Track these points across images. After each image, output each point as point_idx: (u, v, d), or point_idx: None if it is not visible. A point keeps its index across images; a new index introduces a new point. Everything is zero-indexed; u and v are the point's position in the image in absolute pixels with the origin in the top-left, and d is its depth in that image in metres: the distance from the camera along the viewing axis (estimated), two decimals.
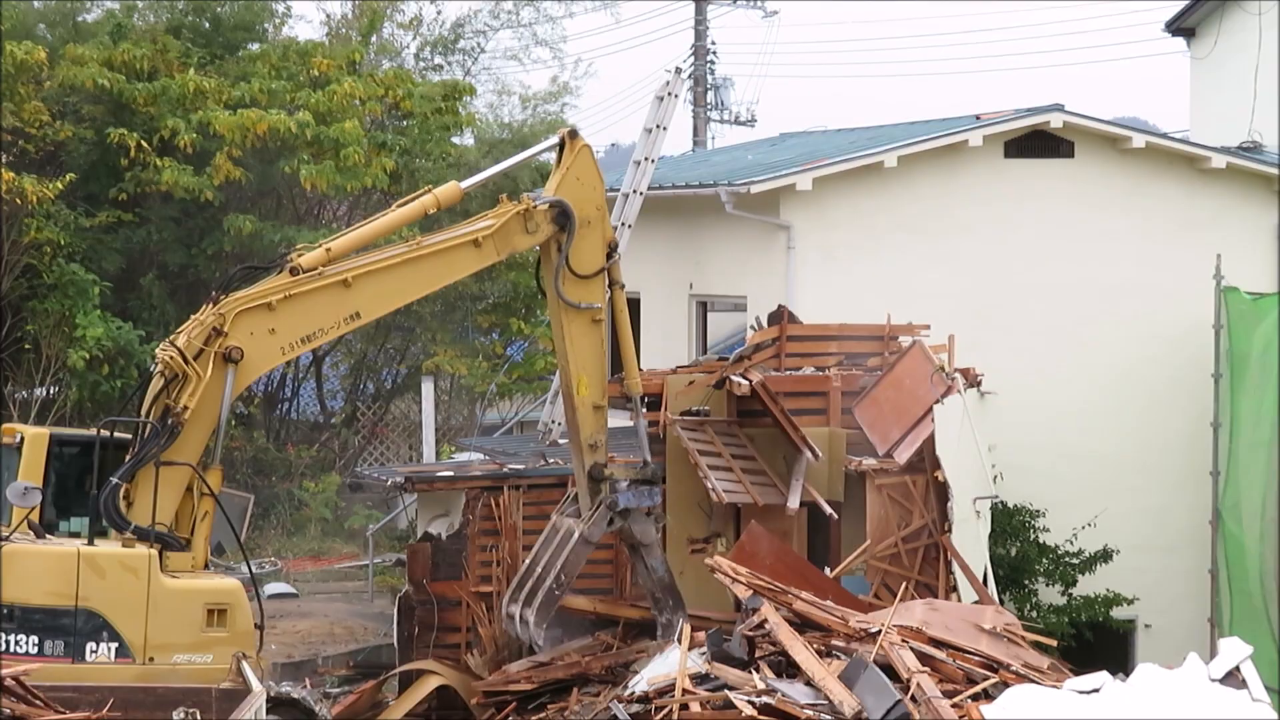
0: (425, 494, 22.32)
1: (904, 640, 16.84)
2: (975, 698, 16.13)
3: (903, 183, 23.78)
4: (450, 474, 22.28)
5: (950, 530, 20.67)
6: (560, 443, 23.38)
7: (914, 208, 23.87)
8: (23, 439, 19.61)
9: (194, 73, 31.30)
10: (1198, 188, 24.74)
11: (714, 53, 48.22)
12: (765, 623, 17.32)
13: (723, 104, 48.62)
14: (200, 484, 17.19)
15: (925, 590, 20.41)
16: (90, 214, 30.47)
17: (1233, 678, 15.66)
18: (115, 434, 18.03)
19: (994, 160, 24.18)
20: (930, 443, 20.70)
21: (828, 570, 20.47)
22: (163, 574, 16.83)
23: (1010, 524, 22.97)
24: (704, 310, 26.47)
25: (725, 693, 16.33)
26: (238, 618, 17.06)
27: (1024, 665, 17.18)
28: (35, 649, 16.38)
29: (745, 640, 17.19)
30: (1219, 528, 23.73)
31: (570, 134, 18.67)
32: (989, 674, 16.64)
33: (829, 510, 20.56)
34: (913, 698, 15.78)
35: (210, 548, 17.83)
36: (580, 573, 19.26)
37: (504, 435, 30.08)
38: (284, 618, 26.16)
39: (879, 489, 20.71)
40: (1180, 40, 30.89)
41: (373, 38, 38.28)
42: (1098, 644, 22.72)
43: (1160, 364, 24.22)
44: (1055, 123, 24.07)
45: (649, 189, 23.73)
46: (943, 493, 20.69)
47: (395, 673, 21.52)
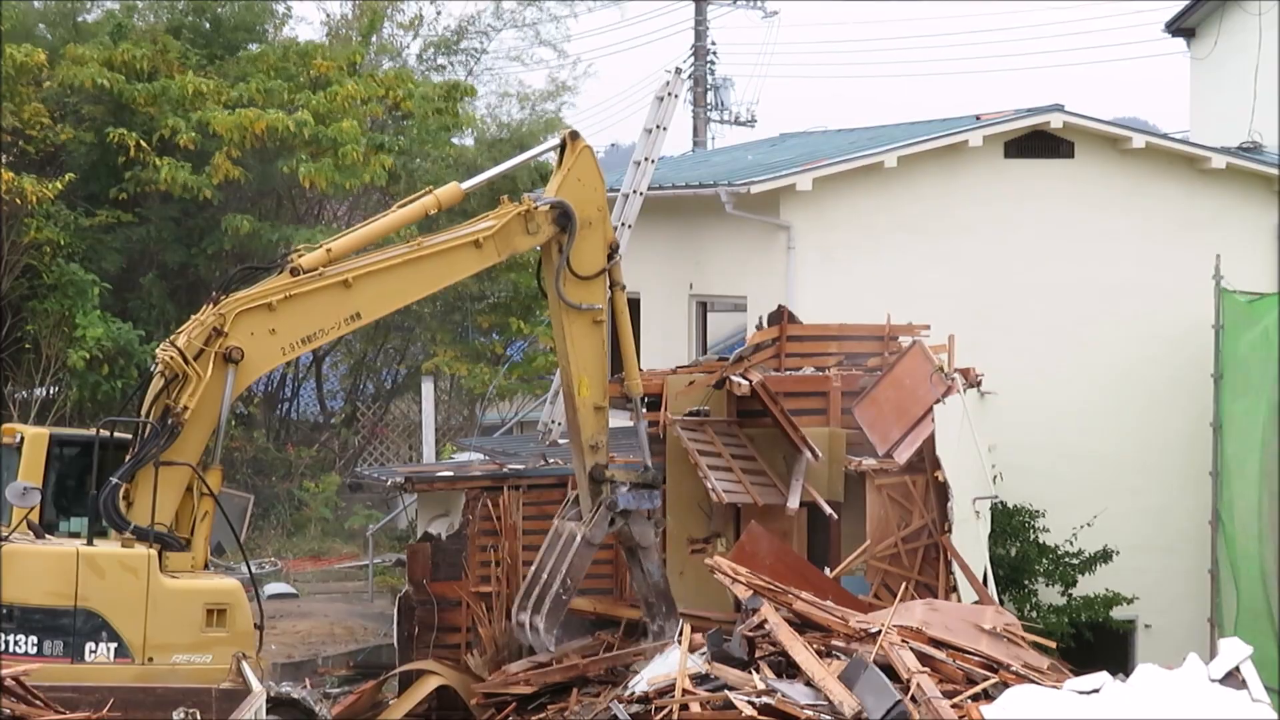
0: (425, 494, 22.32)
1: (904, 640, 16.83)
2: (975, 698, 16.13)
3: (903, 183, 23.77)
4: (450, 474, 22.27)
5: (950, 530, 20.67)
6: (560, 443, 23.37)
7: (914, 208, 23.87)
8: (23, 439, 19.59)
9: (193, 74, 31.28)
10: (1198, 188, 24.73)
11: (714, 53, 48.22)
12: (765, 623, 17.32)
13: (723, 104, 48.60)
14: (200, 484, 17.18)
15: (925, 590, 20.41)
16: (90, 214, 30.46)
17: (1233, 678, 15.66)
18: (115, 434, 18.02)
19: (994, 160, 24.18)
20: (930, 443, 20.70)
21: (828, 570, 20.47)
22: (162, 574, 16.82)
23: (1010, 524, 22.97)
24: (704, 310, 26.46)
25: (725, 693, 16.32)
26: (237, 618, 17.05)
27: (1024, 665, 17.18)
28: (34, 649, 16.38)
29: (745, 640, 17.19)
30: (1219, 528, 23.72)
31: (571, 135, 18.68)
32: (989, 674, 16.64)
33: (829, 510, 20.56)
34: (913, 698, 15.77)
35: (210, 548, 17.83)
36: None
37: (504, 435, 30.07)
38: (284, 618, 26.15)
39: (879, 489, 20.71)
40: (1180, 40, 30.89)
41: (373, 38, 38.26)
42: (1097, 644, 22.71)
43: (1160, 364, 24.22)
44: (1055, 123, 24.07)
45: (649, 189, 23.73)
46: (943, 493, 20.69)
47: (395, 673, 21.51)
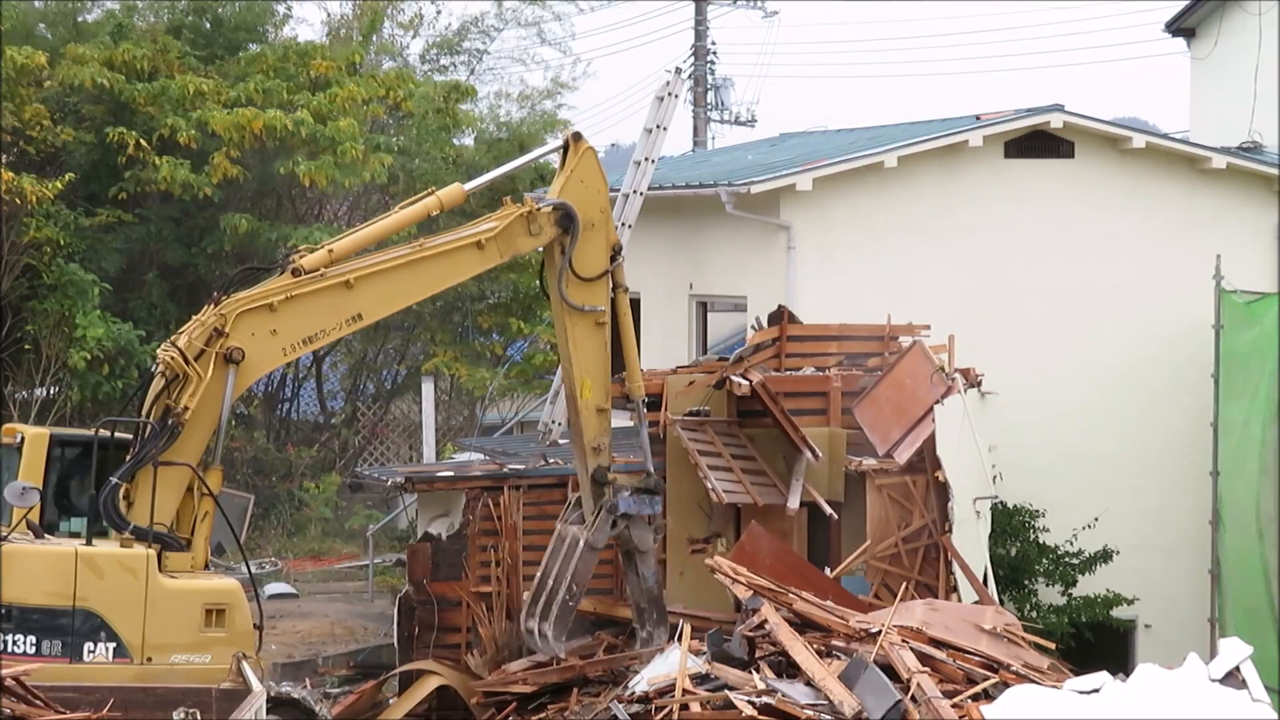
0: (425, 494, 22.31)
1: (904, 640, 16.83)
2: (975, 698, 16.13)
3: (903, 183, 23.77)
4: (450, 474, 22.26)
5: (950, 530, 20.66)
6: (561, 443, 23.36)
7: (914, 208, 23.87)
8: (23, 439, 19.60)
9: (192, 75, 31.27)
10: (1198, 188, 24.73)
11: (714, 53, 48.23)
12: (765, 623, 17.32)
13: (723, 104, 48.60)
14: (200, 484, 17.16)
15: (925, 590, 20.40)
16: (90, 213, 30.45)
17: (1233, 678, 15.66)
18: (116, 434, 18.02)
19: (994, 160, 24.18)
20: (930, 443, 20.69)
21: (828, 570, 20.47)
22: (161, 574, 16.81)
23: (1010, 524, 22.97)
24: (704, 310, 26.46)
25: (725, 693, 16.32)
26: (236, 618, 17.03)
27: (1024, 665, 17.18)
28: (33, 649, 16.36)
29: (745, 640, 17.19)
30: (1218, 528, 23.71)
31: (575, 137, 18.60)
32: (989, 674, 16.64)
33: (829, 510, 20.56)
34: (913, 698, 15.77)
35: (210, 548, 17.81)
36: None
37: (504, 435, 30.06)
38: (284, 618, 26.15)
39: (879, 489, 20.70)
40: (1180, 40, 30.90)
41: (373, 38, 38.25)
42: (1098, 644, 22.71)
43: (1160, 364, 24.21)
44: (1055, 123, 24.07)
45: (649, 189, 23.71)
46: (943, 493, 20.68)
47: (395, 673, 21.51)
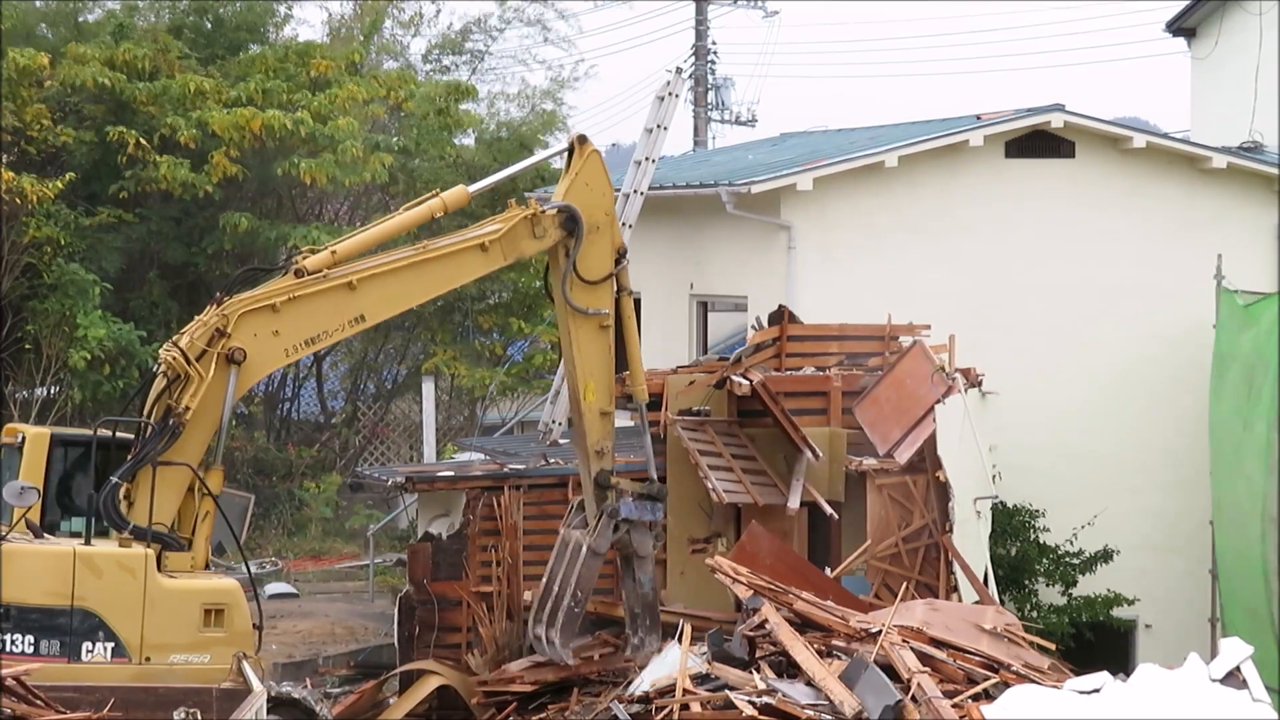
0: (426, 494, 22.30)
1: (904, 640, 16.83)
2: (976, 698, 16.12)
3: (903, 183, 23.78)
4: (451, 474, 22.24)
5: (951, 530, 20.66)
6: (561, 443, 23.37)
7: (915, 208, 23.88)
8: (24, 439, 19.59)
9: (193, 74, 31.26)
10: (1198, 188, 24.73)
11: (715, 53, 48.22)
12: (766, 623, 17.32)
13: (723, 104, 48.59)
14: (201, 484, 17.15)
15: (926, 590, 20.41)
16: (90, 213, 30.43)
17: (1233, 678, 15.65)
18: (118, 434, 18.01)
19: (995, 160, 24.19)
20: (931, 443, 20.70)
21: (828, 570, 20.47)
22: (160, 574, 16.79)
23: (1010, 524, 22.98)
24: (704, 310, 26.47)
25: (726, 693, 16.32)
26: (235, 618, 17.00)
27: (1024, 665, 17.18)
28: (31, 649, 16.35)
29: (746, 640, 17.19)
30: (1216, 528, 23.66)
31: (580, 139, 18.50)
32: (989, 674, 16.63)
33: (829, 510, 20.56)
34: (913, 698, 15.77)
35: (210, 548, 17.80)
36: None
37: (504, 435, 30.06)
38: (285, 618, 26.14)
39: (879, 489, 20.71)
40: (1181, 40, 30.91)
41: (374, 37, 38.22)
42: (1098, 644, 22.72)
43: (1160, 364, 24.22)
44: (1056, 123, 24.08)
45: (650, 189, 23.72)
46: (943, 493, 20.68)
47: (396, 673, 21.51)
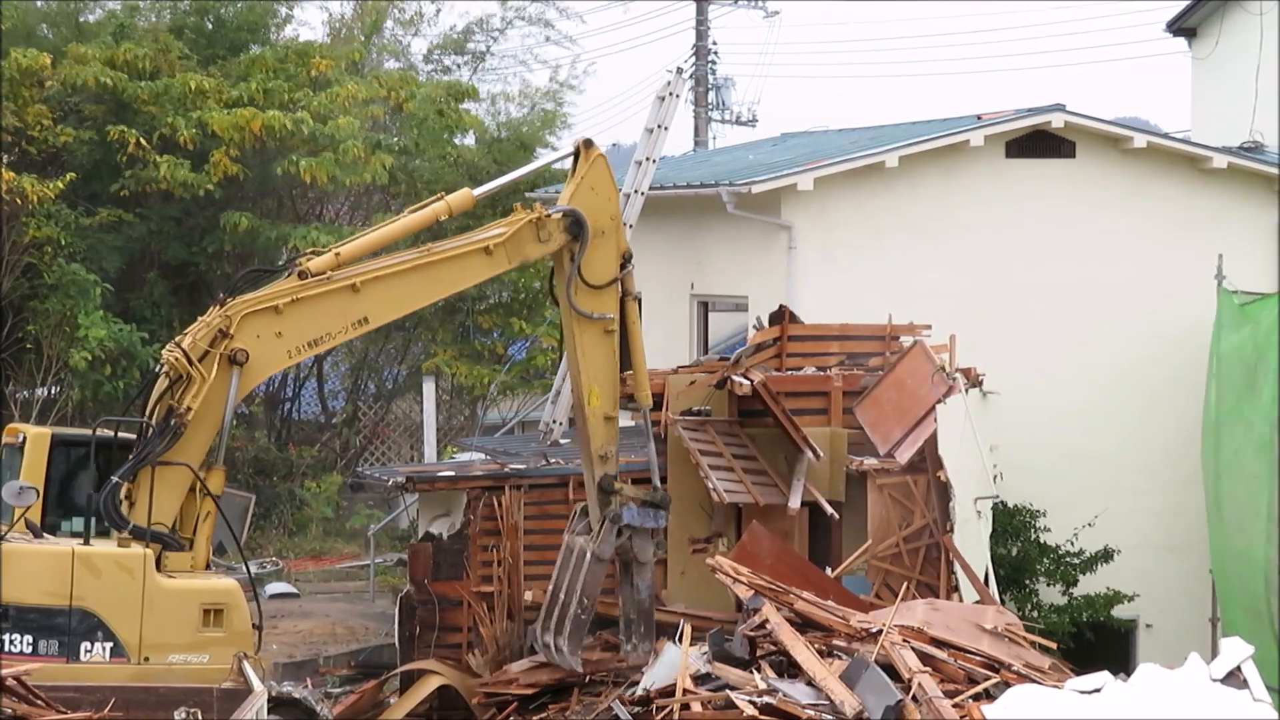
0: (426, 494, 22.30)
1: (905, 640, 16.83)
2: (976, 698, 16.12)
3: (904, 183, 23.79)
4: (451, 474, 22.24)
5: (952, 530, 20.66)
6: (562, 442, 23.38)
7: (915, 208, 23.89)
8: (25, 439, 19.59)
9: (193, 74, 31.25)
10: (1198, 188, 24.75)
11: (715, 53, 48.18)
12: (766, 623, 17.32)
13: (724, 104, 48.55)
14: (203, 485, 17.15)
15: (926, 590, 20.40)
16: (90, 213, 30.42)
17: (1234, 678, 15.65)
18: (120, 434, 18.00)
19: (995, 160, 24.20)
20: (932, 443, 20.70)
21: (829, 570, 20.47)
22: (159, 574, 16.78)
23: (1011, 524, 22.99)
24: (705, 310, 26.48)
25: (726, 693, 16.33)
26: (235, 618, 16.98)
27: (1025, 665, 17.18)
28: (30, 648, 16.34)
29: (746, 640, 17.19)
30: (1214, 527, 23.65)
31: (586, 143, 18.44)
32: (990, 674, 16.63)
33: (830, 510, 20.57)
34: (914, 698, 15.77)
35: (211, 548, 17.80)
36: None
37: (505, 435, 30.06)
38: (285, 617, 26.14)
39: (880, 489, 20.71)
40: (1181, 40, 30.92)
41: (374, 37, 38.20)
42: (1099, 644, 22.72)
43: (1160, 364, 24.23)
44: (1056, 123, 24.10)
45: (650, 189, 23.73)
46: (944, 493, 20.68)
47: (396, 673, 21.51)
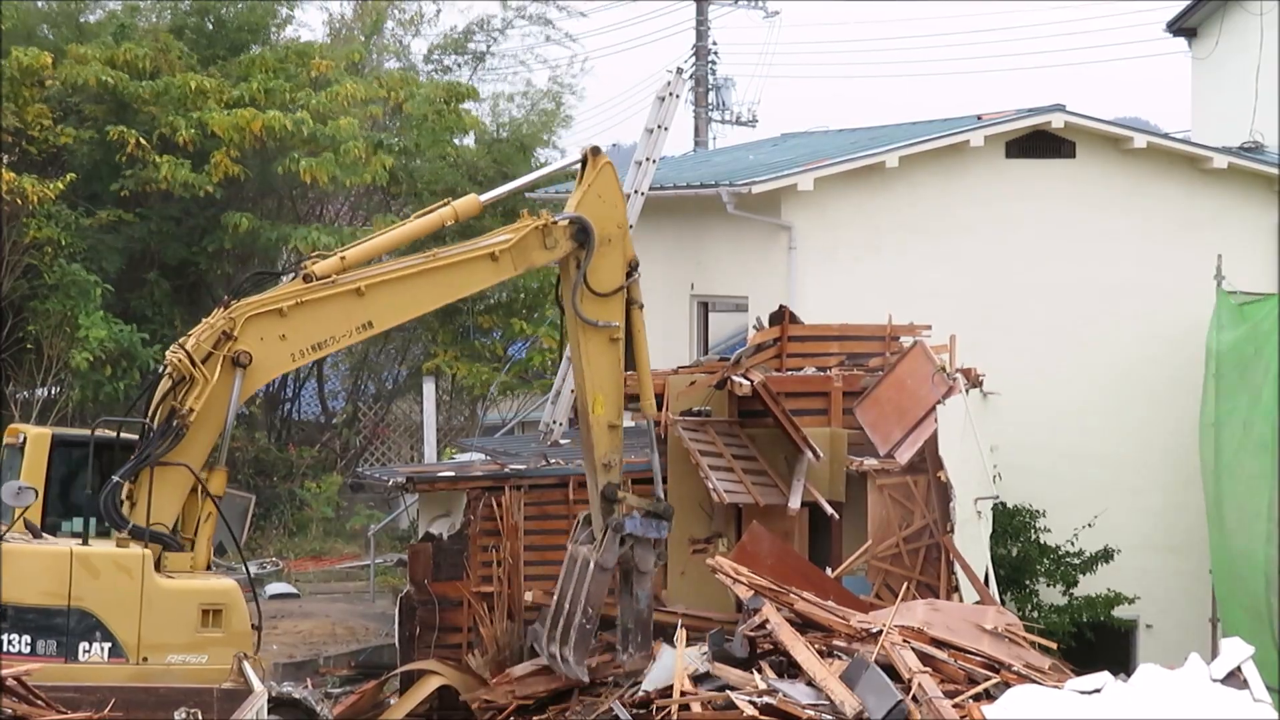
0: (426, 494, 22.30)
1: (905, 640, 16.84)
2: (977, 698, 16.13)
3: (904, 183, 23.80)
4: (451, 474, 22.24)
5: (952, 530, 20.66)
6: (562, 443, 23.38)
7: (915, 208, 23.90)
8: (25, 439, 19.59)
9: (194, 73, 31.25)
10: (1199, 188, 24.75)
11: (715, 53, 48.17)
12: (766, 623, 17.32)
13: (724, 104, 48.55)
14: (203, 486, 17.15)
15: (927, 590, 20.40)
16: (90, 213, 30.42)
17: (1234, 678, 15.66)
18: (123, 435, 18.01)
19: (995, 160, 24.21)
20: (932, 443, 20.69)
21: (829, 570, 20.47)
22: (158, 574, 16.77)
23: (1011, 524, 22.99)
24: (705, 311, 26.48)
25: (726, 693, 16.33)
26: (234, 618, 16.95)
27: (1025, 665, 17.18)
28: (28, 648, 16.34)
29: (746, 640, 17.19)
30: (1214, 527, 23.65)
31: (593, 151, 18.36)
32: (990, 674, 16.64)
33: (830, 510, 20.57)
34: (914, 698, 15.78)
35: (212, 548, 17.79)
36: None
37: (505, 435, 30.07)
38: (285, 618, 26.15)
39: (880, 489, 20.71)
40: (1181, 40, 30.92)
41: (374, 38, 38.18)
42: (1099, 644, 22.72)
43: (1160, 364, 24.24)
44: (1056, 123, 24.10)
45: (650, 189, 23.73)
46: (944, 493, 20.68)
47: (396, 673, 21.52)
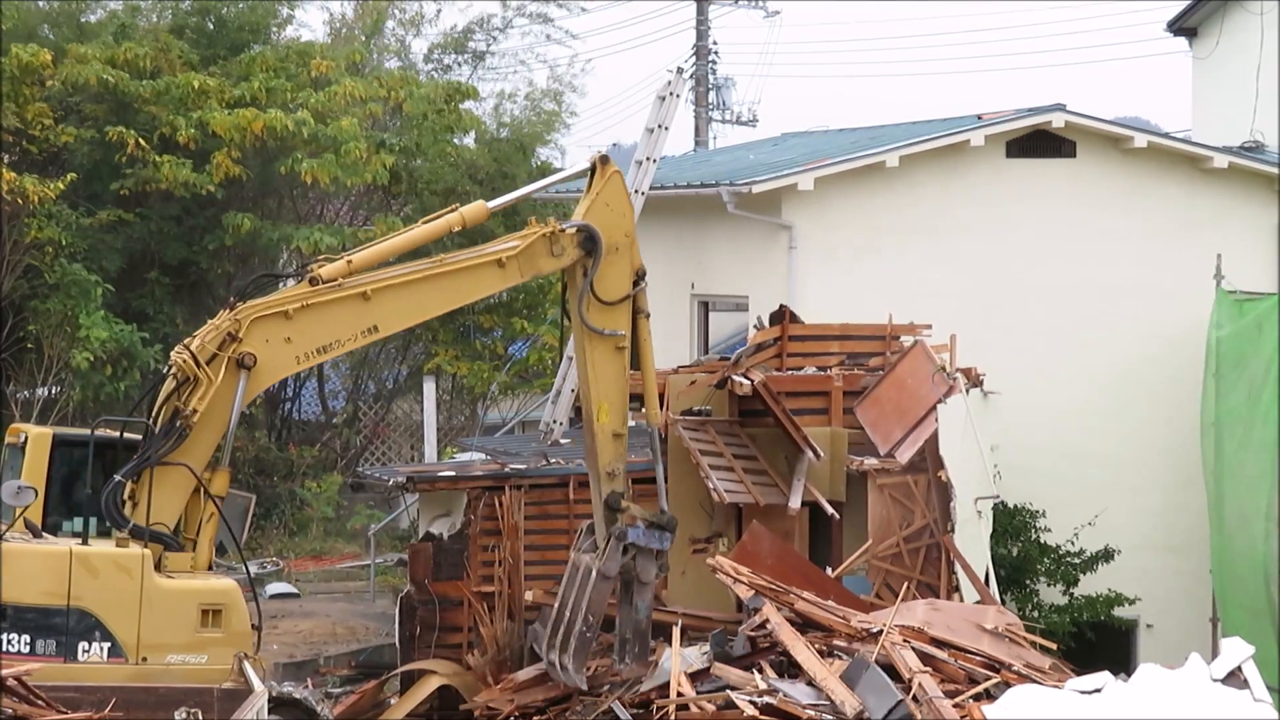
0: (427, 494, 22.30)
1: (906, 640, 16.84)
2: (977, 698, 16.13)
3: (904, 182, 23.79)
4: (452, 474, 22.24)
5: (952, 530, 20.66)
6: (562, 442, 23.38)
7: (916, 208, 23.89)
8: (26, 439, 19.59)
9: (195, 73, 31.24)
10: (1199, 188, 24.75)
11: (715, 53, 48.17)
12: (767, 623, 17.32)
13: (724, 104, 48.54)
14: (204, 487, 17.15)
15: (927, 590, 20.40)
16: (91, 213, 30.41)
17: (1234, 678, 15.66)
18: (126, 434, 18.02)
19: (996, 160, 24.20)
20: (932, 442, 20.69)
21: (829, 570, 20.48)
22: (158, 574, 16.77)
23: (1011, 524, 22.98)
24: (706, 310, 26.48)
25: (727, 693, 16.33)
26: (233, 618, 16.95)
27: (1026, 665, 17.19)
28: (27, 648, 16.34)
29: (747, 640, 17.19)
30: (1214, 527, 23.64)
31: (602, 159, 18.38)
32: (991, 674, 16.64)
33: (830, 510, 20.57)
34: (914, 698, 15.78)
35: (214, 549, 17.79)
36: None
37: (505, 435, 30.06)
38: (286, 618, 26.15)
39: (881, 489, 20.71)
40: (1182, 40, 30.92)
41: (374, 38, 38.17)
42: (1099, 644, 22.72)
43: (1161, 364, 24.23)
44: (1057, 122, 24.10)
45: (651, 189, 23.74)
46: (945, 492, 20.68)
47: (397, 673, 21.53)
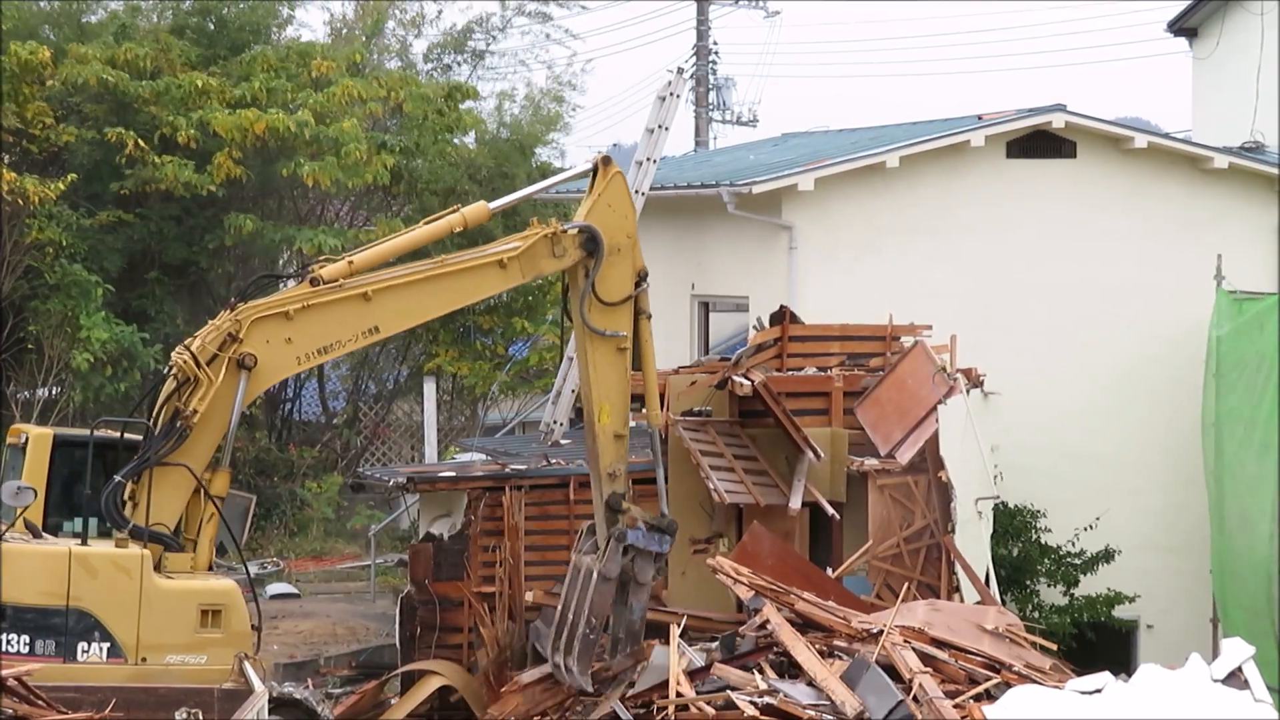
0: (427, 494, 22.30)
1: (906, 641, 16.84)
2: (977, 698, 16.13)
3: (905, 183, 23.79)
4: (452, 474, 22.24)
5: (953, 531, 20.67)
6: (563, 443, 23.38)
7: (916, 208, 23.90)
8: (27, 439, 19.59)
9: (195, 73, 31.23)
10: (1199, 188, 24.75)
11: (716, 53, 48.15)
12: (767, 623, 17.32)
13: (724, 104, 48.53)
14: (204, 487, 17.15)
15: (927, 591, 20.41)
16: (91, 213, 30.40)
17: (1235, 678, 15.66)
18: (126, 435, 18.02)
19: (996, 160, 24.20)
20: (933, 443, 20.70)
21: (830, 571, 20.48)
22: (157, 574, 16.77)
23: (1012, 524, 22.99)
24: (706, 311, 26.48)
25: (727, 693, 16.33)
26: (233, 619, 16.94)
27: (1026, 666, 17.19)
28: (26, 648, 16.34)
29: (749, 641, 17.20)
30: (1214, 527, 23.63)
31: (604, 160, 18.35)
32: (991, 674, 16.64)
33: (831, 511, 20.57)
34: (915, 698, 15.78)
35: (214, 549, 17.79)
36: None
37: (506, 435, 30.07)
38: (286, 618, 26.15)
39: (881, 489, 20.71)
40: (1182, 40, 30.93)
41: (375, 38, 38.15)
42: (1100, 644, 22.73)
43: (1161, 364, 24.23)
44: (1057, 123, 24.10)
45: (651, 189, 23.73)
46: (945, 493, 20.68)
47: (397, 673, 21.53)
